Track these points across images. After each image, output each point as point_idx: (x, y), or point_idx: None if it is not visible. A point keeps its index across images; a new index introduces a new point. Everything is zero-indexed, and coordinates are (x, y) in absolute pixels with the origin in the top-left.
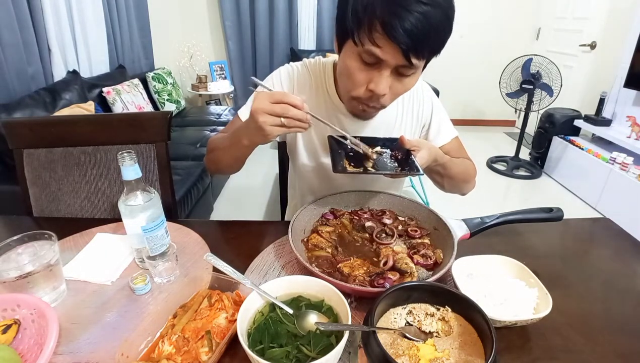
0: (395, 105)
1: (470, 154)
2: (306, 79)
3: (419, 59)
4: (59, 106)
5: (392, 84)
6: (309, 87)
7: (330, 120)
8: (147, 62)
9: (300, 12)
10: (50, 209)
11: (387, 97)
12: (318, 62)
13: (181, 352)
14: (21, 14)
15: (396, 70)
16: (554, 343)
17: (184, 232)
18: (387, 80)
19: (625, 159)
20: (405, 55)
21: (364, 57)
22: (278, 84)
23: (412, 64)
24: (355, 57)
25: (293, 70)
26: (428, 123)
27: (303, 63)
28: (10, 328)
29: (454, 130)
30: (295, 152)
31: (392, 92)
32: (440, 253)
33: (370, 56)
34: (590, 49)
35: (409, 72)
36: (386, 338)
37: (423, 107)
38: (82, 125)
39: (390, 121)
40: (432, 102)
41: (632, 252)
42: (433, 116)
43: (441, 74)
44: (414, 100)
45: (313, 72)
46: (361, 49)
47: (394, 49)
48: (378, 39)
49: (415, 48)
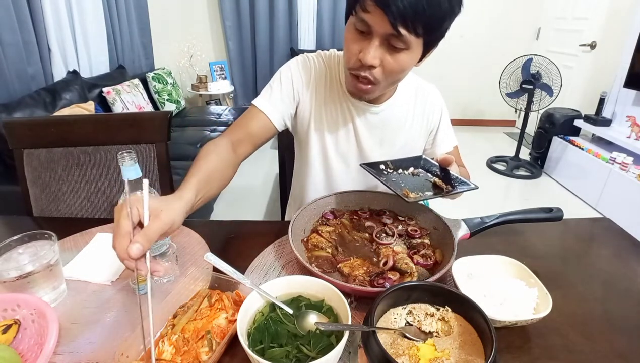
0: (407, 104)
1: (470, 154)
2: (323, 71)
3: (408, 30)
4: (59, 106)
5: (384, 57)
6: (324, 79)
7: (342, 111)
8: (147, 62)
9: (300, 12)
10: (50, 209)
11: (378, 71)
12: (332, 55)
13: (181, 352)
14: (21, 14)
15: (387, 42)
16: (554, 343)
17: (184, 232)
18: (376, 50)
19: (625, 159)
20: (392, 22)
21: (357, 25)
22: (297, 74)
23: (400, 34)
24: (351, 28)
25: (311, 61)
26: (436, 128)
27: (318, 55)
28: (10, 328)
29: (455, 139)
30: (306, 145)
31: (384, 66)
32: (440, 253)
33: (361, 23)
34: (590, 49)
35: (400, 45)
36: (386, 338)
37: (433, 112)
38: (82, 125)
39: (400, 118)
40: (441, 108)
41: (632, 252)
42: (441, 123)
43: (441, 74)
44: (426, 104)
45: (328, 64)
46: (355, 18)
47: (381, 15)
48: (368, 5)
49: (402, 16)
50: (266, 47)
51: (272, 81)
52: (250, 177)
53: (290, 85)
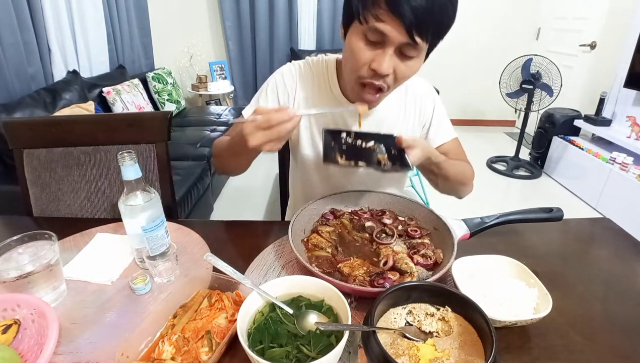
0: (398, 102)
1: (470, 154)
2: (309, 77)
3: (422, 38)
4: (59, 106)
5: (396, 65)
6: (312, 85)
7: (334, 117)
8: (147, 62)
9: (300, 12)
10: (50, 209)
11: (391, 78)
12: (321, 60)
13: (181, 352)
14: (21, 14)
15: (400, 50)
16: (554, 343)
17: (184, 232)
18: (390, 59)
19: (625, 159)
20: (409, 31)
21: (369, 36)
22: (281, 85)
23: (415, 42)
24: (360, 37)
25: (295, 68)
26: (429, 122)
27: (305, 61)
28: (10, 328)
29: (453, 131)
30: (297, 149)
31: (396, 75)
32: (440, 253)
33: (374, 33)
34: (590, 49)
35: (413, 53)
36: (386, 338)
37: (425, 106)
38: (82, 125)
39: (392, 118)
40: (433, 101)
41: (632, 252)
42: (434, 115)
43: (441, 74)
44: (416, 98)
45: (315, 70)
46: (366, 27)
47: (397, 24)
48: (382, 14)
49: (418, 25)
50: (266, 47)
51: (259, 92)
52: (250, 177)
53: (275, 97)
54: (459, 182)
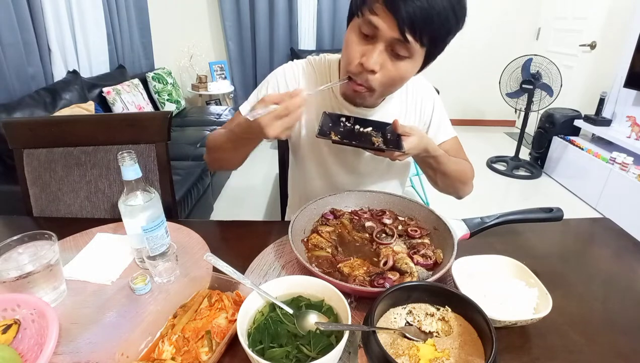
0: (399, 101)
1: (470, 154)
2: (311, 77)
3: (414, 37)
4: (59, 106)
5: (385, 63)
6: (314, 85)
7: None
8: (147, 62)
9: (300, 12)
10: (50, 209)
11: (378, 77)
12: (323, 60)
13: (181, 352)
14: (21, 14)
15: (391, 48)
16: (554, 343)
17: (184, 232)
18: (379, 55)
19: (625, 159)
20: (400, 27)
21: (362, 29)
22: (283, 83)
23: (406, 41)
24: (355, 30)
25: (298, 67)
26: (429, 121)
27: (307, 60)
28: (10, 328)
29: (453, 131)
30: (297, 148)
31: (384, 73)
32: (440, 253)
33: (367, 26)
34: (590, 49)
35: (404, 53)
36: (386, 338)
37: (425, 105)
38: (82, 125)
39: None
40: (433, 101)
41: (632, 252)
42: (434, 114)
43: (441, 74)
44: (417, 98)
45: (318, 70)
46: (360, 20)
47: (390, 19)
48: (377, 8)
49: (411, 22)
50: (266, 47)
51: (259, 88)
52: (250, 177)
53: None
54: (458, 179)
